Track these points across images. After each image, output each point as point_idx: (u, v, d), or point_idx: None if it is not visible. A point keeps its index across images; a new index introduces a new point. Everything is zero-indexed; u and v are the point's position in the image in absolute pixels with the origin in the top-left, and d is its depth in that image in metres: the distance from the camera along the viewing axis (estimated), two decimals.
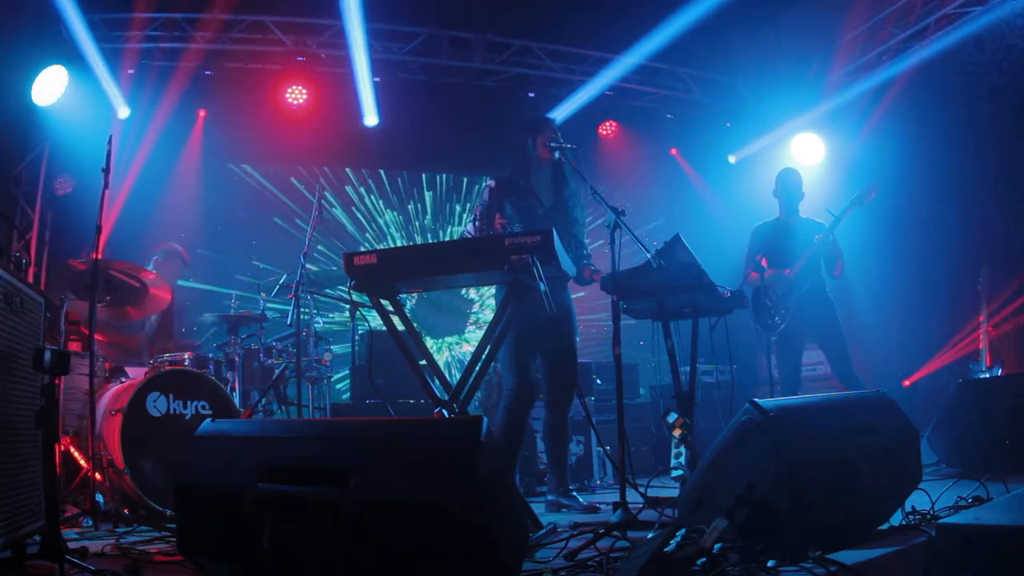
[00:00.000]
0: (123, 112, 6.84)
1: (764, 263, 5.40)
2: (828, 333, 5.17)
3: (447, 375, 4.03)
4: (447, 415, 3.07)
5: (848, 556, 2.21)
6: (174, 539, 3.07)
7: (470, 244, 3.30)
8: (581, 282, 4.13)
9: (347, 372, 6.88)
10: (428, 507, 1.87)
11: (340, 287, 5.79)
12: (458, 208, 8.92)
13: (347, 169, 8.51)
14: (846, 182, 7.48)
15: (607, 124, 8.81)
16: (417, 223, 8.77)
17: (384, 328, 3.31)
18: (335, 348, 6.16)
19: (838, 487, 2.43)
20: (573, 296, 4.26)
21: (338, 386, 7.42)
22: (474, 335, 8.58)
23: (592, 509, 4.01)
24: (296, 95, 7.64)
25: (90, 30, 6.31)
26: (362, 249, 6.43)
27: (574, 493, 4.17)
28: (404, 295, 3.39)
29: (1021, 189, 6.59)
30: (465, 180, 8.96)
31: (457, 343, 8.63)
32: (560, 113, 7.69)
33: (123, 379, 4.49)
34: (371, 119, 7.70)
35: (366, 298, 3.32)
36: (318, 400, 5.78)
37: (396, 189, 8.71)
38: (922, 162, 6.93)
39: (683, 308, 3.87)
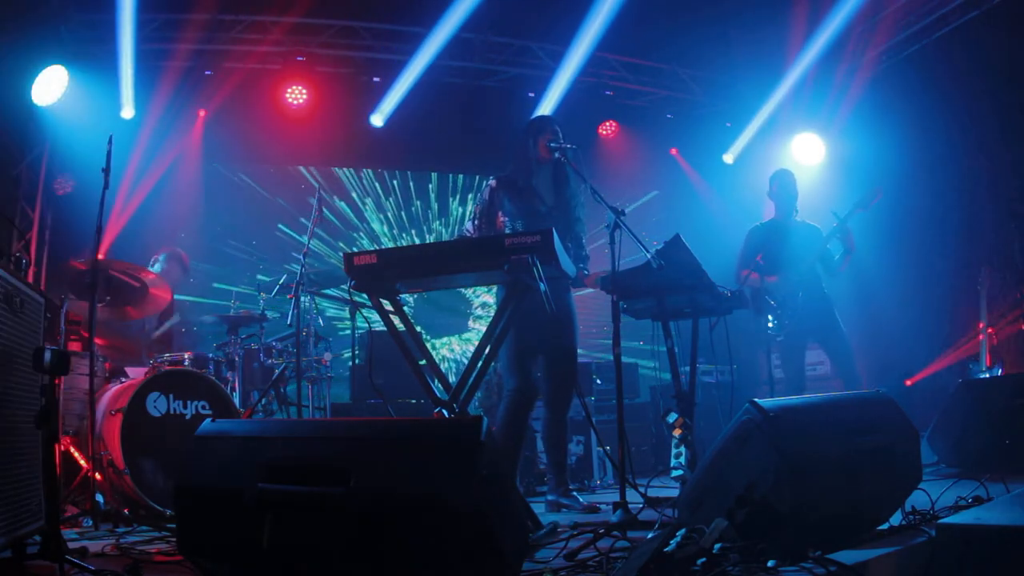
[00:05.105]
0: (128, 112, 6.86)
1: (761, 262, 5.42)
2: (829, 331, 5.19)
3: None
4: (447, 415, 3.07)
5: (848, 556, 2.21)
6: (174, 539, 3.08)
7: (470, 244, 3.29)
8: (576, 284, 4.13)
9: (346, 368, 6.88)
10: (428, 507, 1.87)
11: (340, 287, 5.78)
12: (458, 208, 8.92)
13: (347, 169, 8.52)
14: (846, 182, 7.49)
15: (607, 124, 8.81)
16: (417, 222, 8.77)
17: (385, 328, 3.30)
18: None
19: (838, 487, 2.43)
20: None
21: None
22: (475, 335, 8.58)
23: (592, 509, 4.01)
24: (296, 95, 7.64)
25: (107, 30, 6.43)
26: (358, 248, 6.44)
27: (574, 493, 4.17)
28: (404, 295, 3.39)
29: (1021, 189, 6.59)
30: (462, 179, 8.96)
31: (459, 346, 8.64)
32: (549, 102, 7.74)
33: (123, 379, 4.48)
34: (378, 119, 7.77)
35: (366, 298, 3.32)
36: (318, 400, 5.79)
37: (397, 189, 8.71)
38: (922, 162, 6.93)
39: (683, 308, 3.87)
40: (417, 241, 8.61)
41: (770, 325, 5.27)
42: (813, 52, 7.46)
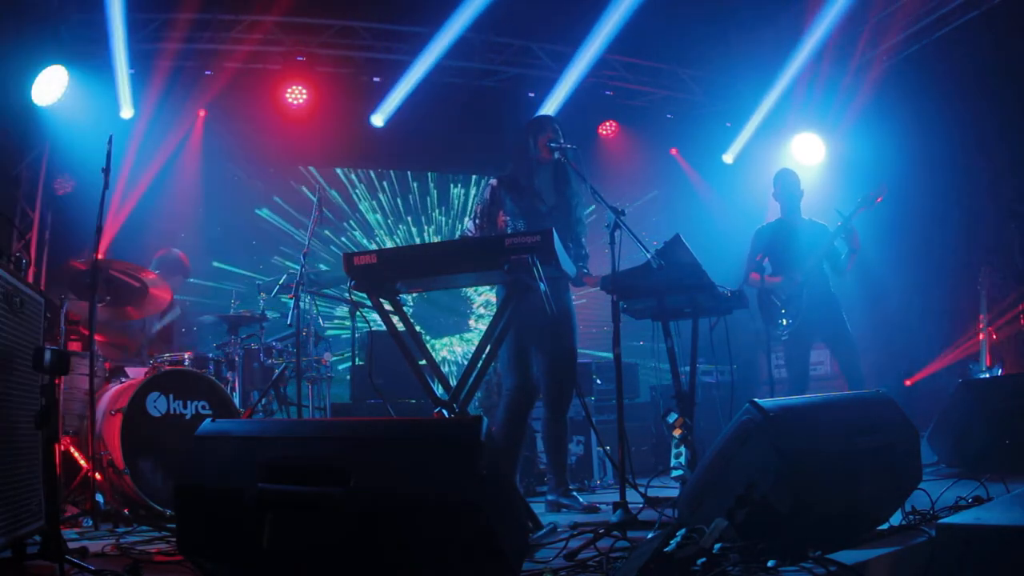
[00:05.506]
0: (127, 112, 6.85)
1: (766, 263, 5.41)
2: (836, 331, 5.19)
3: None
4: (447, 415, 3.07)
5: (848, 556, 2.21)
6: (174, 539, 3.08)
7: (470, 244, 3.29)
8: (576, 284, 4.13)
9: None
10: (428, 507, 1.87)
11: (340, 287, 5.78)
12: (457, 207, 8.92)
13: (347, 169, 8.52)
14: (846, 182, 7.49)
15: (607, 124, 8.82)
16: (417, 222, 8.77)
17: (384, 328, 3.30)
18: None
19: (838, 487, 2.43)
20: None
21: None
22: (476, 335, 8.58)
23: (592, 509, 4.01)
24: (296, 95, 7.64)
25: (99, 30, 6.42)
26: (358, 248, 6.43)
27: (574, 493, 4.17)
28: (404, 295, 3.39)
29: (1021, 189, 6.59)
30: (461, 179, 8.96)
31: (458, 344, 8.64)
32: (552, 104, 7.76)
33: (123, 379, 4.48)
34: (379, 119, 7.79)
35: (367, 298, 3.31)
36: (318, 400, 5.78)
37: (397, 189, 8.71)
38: (922, 162, 6.93)
39: (683, 308, 3.87)
40: (415, 231, 8.63)
41: (784, 324, 5.26)
42: (813, 52, 7.47)
